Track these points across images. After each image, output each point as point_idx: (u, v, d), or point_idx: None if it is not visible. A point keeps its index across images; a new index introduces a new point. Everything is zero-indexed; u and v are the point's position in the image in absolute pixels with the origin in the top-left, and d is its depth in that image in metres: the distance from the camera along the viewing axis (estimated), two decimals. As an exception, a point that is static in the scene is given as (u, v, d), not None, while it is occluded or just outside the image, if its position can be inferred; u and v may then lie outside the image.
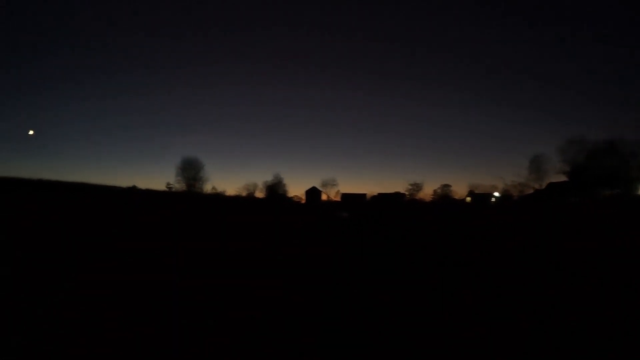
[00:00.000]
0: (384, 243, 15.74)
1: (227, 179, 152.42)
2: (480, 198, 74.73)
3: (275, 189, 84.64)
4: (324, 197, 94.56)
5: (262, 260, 11.51)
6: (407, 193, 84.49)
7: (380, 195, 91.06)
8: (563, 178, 58.89)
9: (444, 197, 79.41)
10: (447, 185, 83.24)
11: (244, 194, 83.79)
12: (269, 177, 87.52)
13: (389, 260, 11.48)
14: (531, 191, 61.50)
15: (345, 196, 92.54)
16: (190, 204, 45.82)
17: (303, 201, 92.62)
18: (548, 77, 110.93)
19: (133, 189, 67.24)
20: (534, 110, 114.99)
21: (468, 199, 79.04)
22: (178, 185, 72.83)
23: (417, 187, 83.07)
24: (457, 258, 11.97)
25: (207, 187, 75.42)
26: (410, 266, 10.56)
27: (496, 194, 71.62)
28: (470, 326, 5.54)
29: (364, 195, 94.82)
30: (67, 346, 4.73)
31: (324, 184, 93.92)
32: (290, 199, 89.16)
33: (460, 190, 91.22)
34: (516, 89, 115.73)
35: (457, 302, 6.93)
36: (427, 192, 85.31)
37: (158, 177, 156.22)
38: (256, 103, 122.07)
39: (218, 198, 69.01)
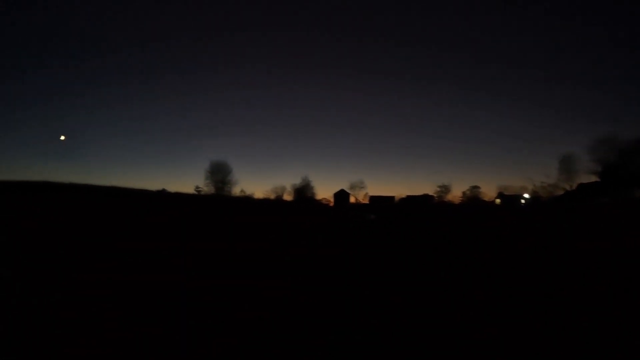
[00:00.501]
0: (406, 245, 16.40)
1: (256, 182, 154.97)
2: (509, 200, 73.96)
3: (303, 192, 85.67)
4: (352, 199, 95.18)
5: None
6: (435, 195, 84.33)
7: (409, 197, 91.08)
8: (594, 178, 57.91)
9: (472, 199, 78.85)
10: (476, 187, 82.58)
11: (272, 196, 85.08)
12: (297, 180, 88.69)
13: (407, 262, 11.67)
14: (561, 192, 60.72)
15: (373, 199, 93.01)
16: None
17: (331, 204, 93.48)
18: (577, 76, 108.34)
19: (162, 192, 69.36)
20: (564, 109, 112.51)
21: (497, 200, 78.32)
22: (207, 188, 74.97)
23: (445, 189, 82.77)
24: (475, 259, 12.09)
25: (236, 190, 77.13)
26: (427, 267, 10.71)
27: (526, 195, 70.82)
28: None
29: (392, 197, 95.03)
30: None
31: (352, 187, 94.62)
32: (319, 201, 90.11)
33: (489, 191, 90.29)
34: (545, 88, 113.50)
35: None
36: (456, 194, 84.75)
37: (187, 180, 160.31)
38: (284, 106, 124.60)
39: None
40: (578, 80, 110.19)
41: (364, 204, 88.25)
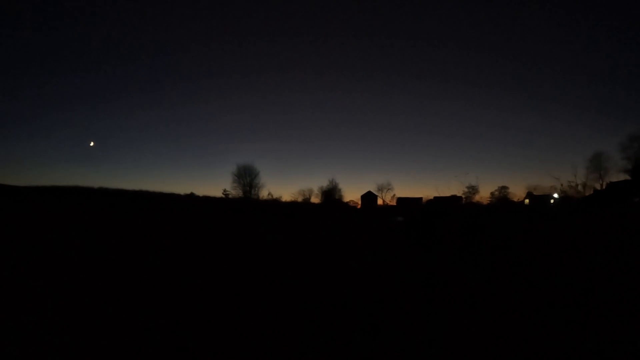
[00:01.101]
0: (434, 245, 16.80)
1: (283, 185, 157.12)
2: (539, 200, 73.07)
3: (330, 194, 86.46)
4: (379, 201, 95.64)
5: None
6: (463, 196, 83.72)
7: (436, 198, 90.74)
8: (624, 177, 56.98)
9: (501, 199, 78.12)
10: (504, 187, 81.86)
11: (299, 199, 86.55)
12: (324, 182, 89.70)
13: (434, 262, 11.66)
14: (591, 191, 59.89)
15: (400, 200, 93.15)
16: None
17: (359, 206, 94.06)
18: (607, 72, 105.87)
19: (191, 196, 71.33)
20: (593, 106, 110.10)
21: (526, 200, 77.49)
22: (234, 191, 77.30)
23: (473, 189, 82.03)
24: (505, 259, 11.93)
25: (263, 193, 79.29)
26: (455, 267, 10.72)
27: (555, 195, 69.91)
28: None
29: (419, 199, 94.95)
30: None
31: (380, 188, 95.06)
32: (346, 203, 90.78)
33: (518, 192, 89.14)
34: (574, 86, 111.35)
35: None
36: (484, 194, 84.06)
37: (215, 184, 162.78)
38: (310, 109, 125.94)
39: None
40: (608, 77, 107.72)
41: (392, 206, 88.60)
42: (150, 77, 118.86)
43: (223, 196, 76.11)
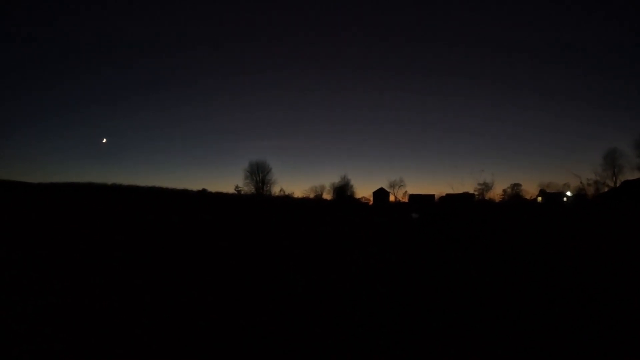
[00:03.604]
0: (450, 242, 16.92)
1: (295, 181, 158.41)
2: (552, 197, 72.79)
3: (342, 191, 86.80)
4: (391, 198, 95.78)
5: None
6: (476, 193, 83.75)
7: (449, 195, 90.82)
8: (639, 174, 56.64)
9: (514, 197, 77.92)
10: (517, 185, 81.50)
11: (311, 195, 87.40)
12: (336, 179, 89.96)
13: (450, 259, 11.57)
14: (606, 189, 59.62)
15: (413, 197, 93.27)
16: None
17: (370, 202, 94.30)
18: (621, 68, 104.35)
19: (203, 192, 72.47)
20: (607, 103, 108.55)
21: (539, 198, 77.23)
22: (246, 188, 78.58)
23: (486, 186, 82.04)
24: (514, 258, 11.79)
25: (275, 190, 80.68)
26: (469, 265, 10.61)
27: (568, 193, 69.65)
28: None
29: (432, 196, 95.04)
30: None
31: (392, 185, 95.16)
32: (358, 200, 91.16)
33: (531, 189, 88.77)
34: (588, 82, 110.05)
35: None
36: (497, 191, 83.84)
37: (227, 180, 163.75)
38: (323, 106, 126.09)
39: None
40: (622, 74, 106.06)
41: (404, 202, 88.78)
42: (163, 75, 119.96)
43: (235, 192, 77.57)
